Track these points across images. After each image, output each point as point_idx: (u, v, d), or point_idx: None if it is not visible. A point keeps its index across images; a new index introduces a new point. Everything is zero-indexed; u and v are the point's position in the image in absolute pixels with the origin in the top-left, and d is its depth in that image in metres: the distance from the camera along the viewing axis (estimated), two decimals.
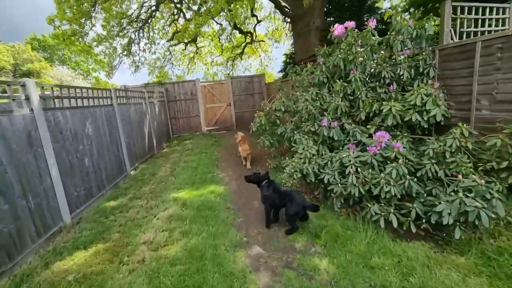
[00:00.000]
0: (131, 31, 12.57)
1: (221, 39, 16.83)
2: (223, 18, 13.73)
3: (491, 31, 4.26)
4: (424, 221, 2.68)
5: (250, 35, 16.55)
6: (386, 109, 3.46)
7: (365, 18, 10.50)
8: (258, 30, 17.91)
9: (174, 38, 13.32)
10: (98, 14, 10.75)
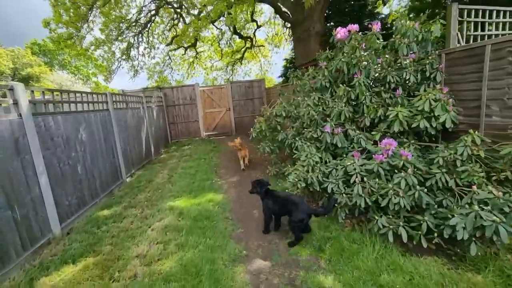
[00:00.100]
0: (130, 36, 12.50)
1: (220, 44, 16.81)
2: (223, 23, 13.72)
3: (498, 35, 4.14)
4: (435, 235, 2.50)
5: (250, 40, 16.54)
6: (392, 114, 3.31)
7: (365, 23, 10.45)
8: (258, 35, 17.91)
9: (173, 43, 13.25)
10: (97, 18, 10.66)
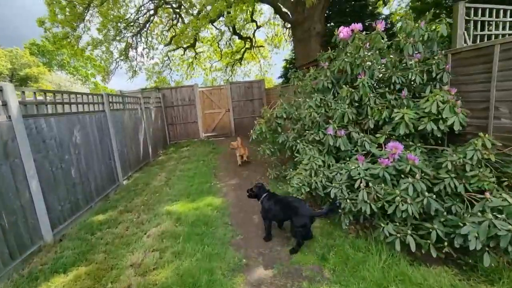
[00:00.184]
0: (129, 36, 12.36)
1: (220, 45, 16.70)
2: (222, 23, 13.60)
3: (505, 35, 4.03)
4: (445, 244, 2.37)
5: (249, 41, 16.43)
6: (398, 117, 3.18)
7: (366, 23, 10.34)
8: (258, 36, 17.79)
9: (172, 43, 13.11)
10: (94, 18, 10.51)
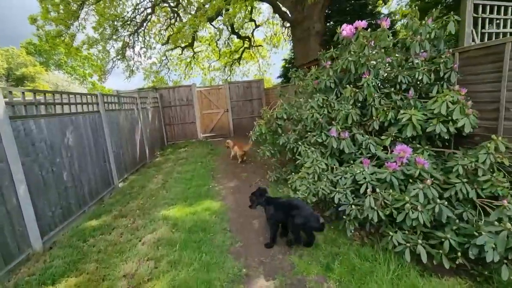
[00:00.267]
0: (126, 35, 12.16)
1: (218, 44, 16.52)
2: (220, 22, 13.43)
3: None
4: (459, 254, 2.23)
5: (248, 40, 16.27)
6: (405, 118, 3.04)
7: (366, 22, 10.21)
8: (256, 35, 17.65)
9: (169, 42, 12.93)
10: (90, 16, 10.30)
